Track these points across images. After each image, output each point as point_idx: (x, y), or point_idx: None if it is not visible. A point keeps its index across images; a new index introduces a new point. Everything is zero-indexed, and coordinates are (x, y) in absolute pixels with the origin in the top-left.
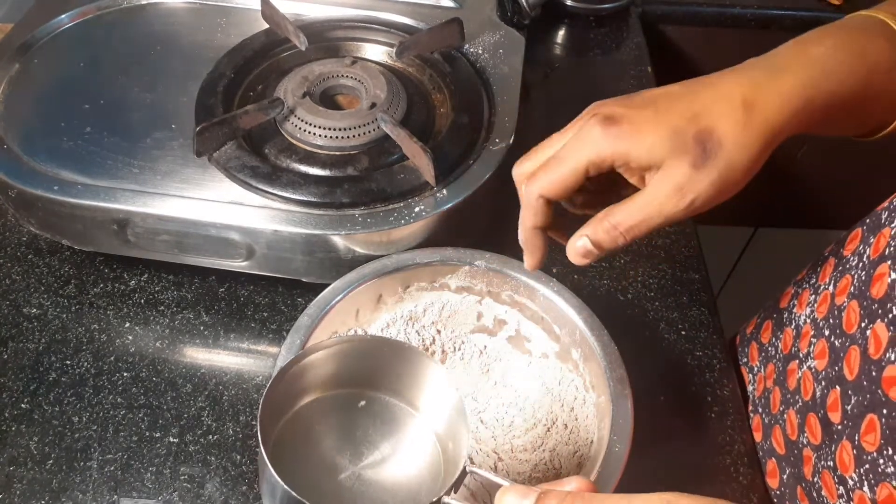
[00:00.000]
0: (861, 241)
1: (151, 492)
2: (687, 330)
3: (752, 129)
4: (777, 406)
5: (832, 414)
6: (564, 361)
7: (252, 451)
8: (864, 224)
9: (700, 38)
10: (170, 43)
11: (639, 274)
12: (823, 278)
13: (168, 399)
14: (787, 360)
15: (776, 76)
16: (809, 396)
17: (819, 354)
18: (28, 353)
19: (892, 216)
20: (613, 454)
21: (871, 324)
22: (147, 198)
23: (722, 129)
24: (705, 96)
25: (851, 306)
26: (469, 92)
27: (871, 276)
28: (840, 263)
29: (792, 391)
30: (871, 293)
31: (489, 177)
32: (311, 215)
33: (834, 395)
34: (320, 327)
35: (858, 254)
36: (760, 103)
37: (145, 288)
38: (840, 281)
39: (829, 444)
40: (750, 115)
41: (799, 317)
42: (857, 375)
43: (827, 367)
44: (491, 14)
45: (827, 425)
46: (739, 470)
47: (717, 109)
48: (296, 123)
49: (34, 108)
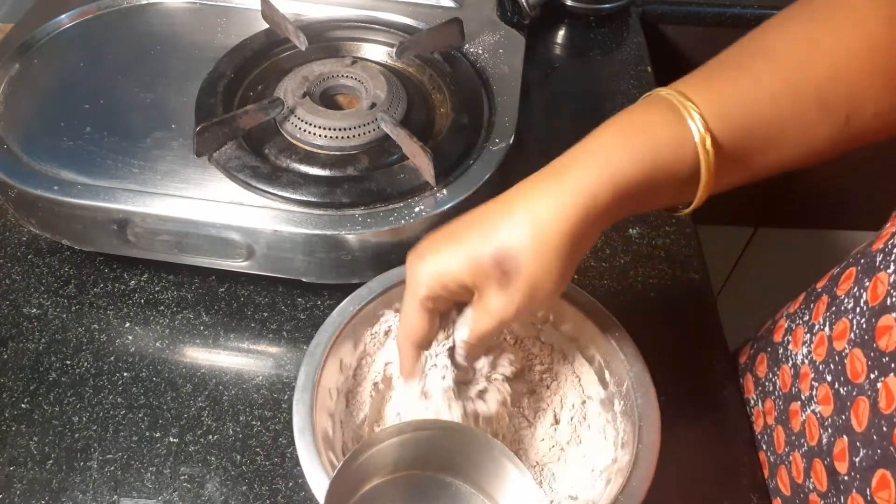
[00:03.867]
0: (855, 283)
1: (151, 492)
2: (687, 330)
3: (543, 246)
4: (782, 447)
5: (839, 464)
6: (607, 410)
7: (252, 451)
8: (859, 264)
9: (700, 38)
10: (170, 43)
11: (639, 274)
12: (817, 317)
13: (168, 399)
14: (789, 400)
15: (556, 182)
16: (815, 442)
17: (823, 400)
18: (28, 353)
19: (888, 261)
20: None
21: (881, 377)
22: (147, 198)
23: (516, 252)
24: (497, 219)
25: (855, 355)
26: (469, 92)
27: (873, 325)
28: (833, 303)
29: (797, 433)
30: (878, 345)
31: (489, 177)
32: (311, 215)
33: (841, 445)
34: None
35: (854, 296)
36: (544, 216)
37: (145, 288)
38: (836, 324)
39: (837, 495)
40: (537, 232)
41: (795, 355)
42: (867, 428)
43: (833, 414)
44: (491, 14)
45: (833, 474)
46: (740, 471)
47: (508, 231)
48: (296, 123)
49: (34, 108)
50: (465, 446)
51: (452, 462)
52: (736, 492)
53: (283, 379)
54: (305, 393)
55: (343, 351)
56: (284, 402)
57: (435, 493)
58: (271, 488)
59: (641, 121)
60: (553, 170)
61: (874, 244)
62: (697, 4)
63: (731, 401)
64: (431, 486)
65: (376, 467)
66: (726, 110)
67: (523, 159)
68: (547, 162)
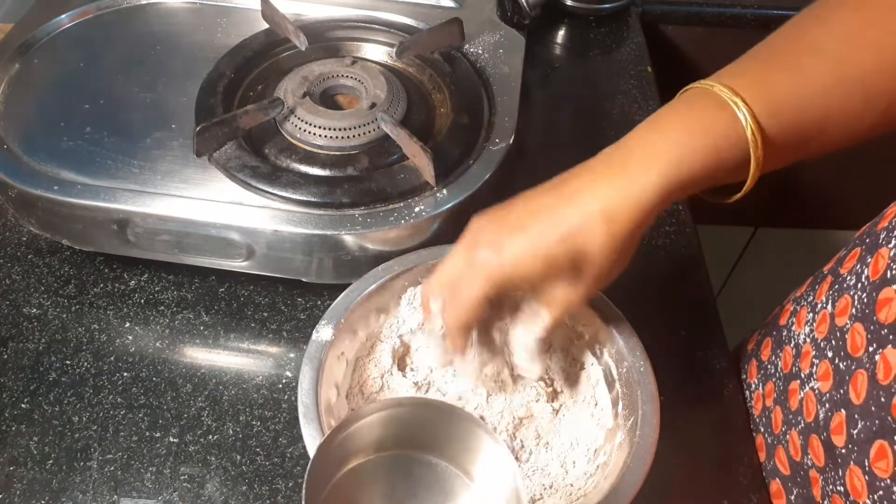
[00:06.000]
0: (858, 261)
1: (151, 492)
2: (687, 330)
3: (615, 239)
4: (779, 426)
5: (836, 437)
6: (608, 440)
7: (252, 451)
8: (864, 243)
9: (700, 38)
10: (170, 43)
11: (639, 274)
12: (820, 296)
13: (168, 399)
14: (788, 380)
15: (629, 182)
16: (812, 418)
17: (823, 376)
18: (28, 353)
19: (890, 236)
20: None
21: (880, 348)
22: (147, 198)
23: (589, 247)
24: (570, 214)
25: (856, 329)
26: (469, 92)
27: (874, 299)
28: (836, 282)
29: (794, 412)
30: (878, 318)
31: (489, 177)
32: (311, 215)
33: (839, 419)
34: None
35: (856, 273)
36: (618, 215)
37: (145, 288)
38: (839, 301)
39: (835, 468)
40: (611, 226)
41: (798, 335)
42: (865, 400)
43: (831, 389)
44: (491, 14)
45: (830, 448)
46: (740, 470)
47: (582, 228)
48: (296, 123)
49: (34, 108)
50: (445, 422)
51: (436, 440)
52: (735, 490)
53: (283, 379)
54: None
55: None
56: (284, 402)
57: (420, 474)
58: (271, 488)
59: (702, 119)
60: (619, 160)
61: (879, 223)
62: (697, 4)
63: (730, 400)
64: (415, 466)
65: (359, 445)
66: (777, 108)
67: (523, 159)
68: (546, 162)
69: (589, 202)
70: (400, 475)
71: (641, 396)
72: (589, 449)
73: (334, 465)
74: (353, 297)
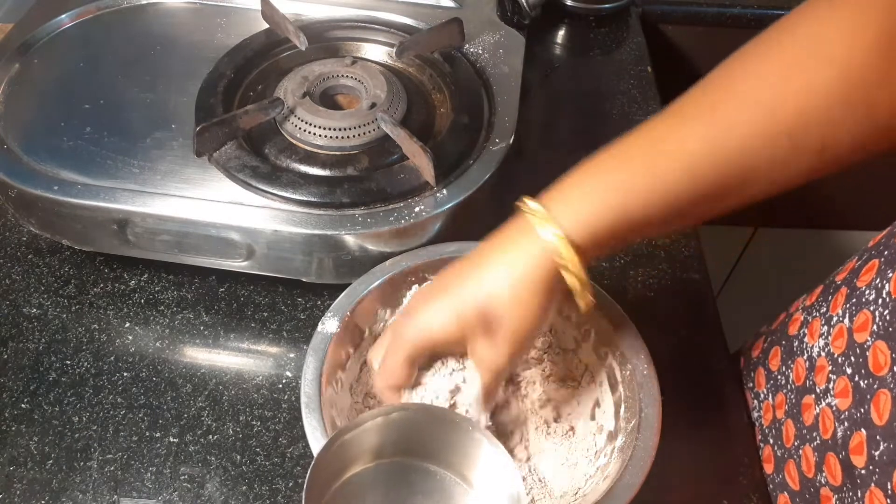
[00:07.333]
0: (878, 275)
1: (151, 492)
2: (687, 330)
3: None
4: (791, 440)
5: (856, 457)
6: (609, 442)
7: (252, 451)
8: (882, 256)
9: (700, 38)
10: (170, 43)
11: (639, 274)
12: (835, 308)
13: (168, 399)
14: (801, 393)
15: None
16: (829, 435)
17: (841, 393)
18: (28, 353)
19: None
20: None
21: None
22: (147, 198)
23: (496, 299)
24: (477, 273)
25: (878, 347)
26: (469, 92)
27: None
28: (854, 295)
29: (808, 427)
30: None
31: (489, 177)
32: (311, 215)
33: (859, 438)
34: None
35: (875, 287)
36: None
37: (145, 288)
38: (857, 315)
39: (853, 489)
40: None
41: (812, 348)
42: (889, 422)
43: (851, 407)
44: (491, 14)
45: (848, 468)
46: (740, 470)
47: (488, 283)
48: (296, 123)
49: (34, 108)
50: (444, 428)
51: (434, 446)
52: (736, 491)
53: (284, 379)
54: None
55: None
56: (284, 402)
57: (419, 482)
58: (271, 488)
59: (519, 257)
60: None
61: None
62: (697, 4)
63: (731, 401)
64: (415, 474)
65: (358, 452)
66: (617, 210)
67: (523, 159)
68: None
69: (495, 262)
70: (399, 483)
71: (644, 399)
72: (589, 451)
73: (333, 472)
74: (360, 290)
